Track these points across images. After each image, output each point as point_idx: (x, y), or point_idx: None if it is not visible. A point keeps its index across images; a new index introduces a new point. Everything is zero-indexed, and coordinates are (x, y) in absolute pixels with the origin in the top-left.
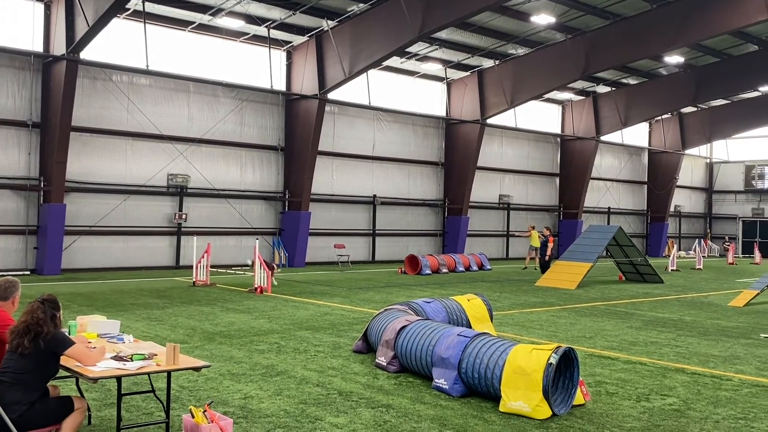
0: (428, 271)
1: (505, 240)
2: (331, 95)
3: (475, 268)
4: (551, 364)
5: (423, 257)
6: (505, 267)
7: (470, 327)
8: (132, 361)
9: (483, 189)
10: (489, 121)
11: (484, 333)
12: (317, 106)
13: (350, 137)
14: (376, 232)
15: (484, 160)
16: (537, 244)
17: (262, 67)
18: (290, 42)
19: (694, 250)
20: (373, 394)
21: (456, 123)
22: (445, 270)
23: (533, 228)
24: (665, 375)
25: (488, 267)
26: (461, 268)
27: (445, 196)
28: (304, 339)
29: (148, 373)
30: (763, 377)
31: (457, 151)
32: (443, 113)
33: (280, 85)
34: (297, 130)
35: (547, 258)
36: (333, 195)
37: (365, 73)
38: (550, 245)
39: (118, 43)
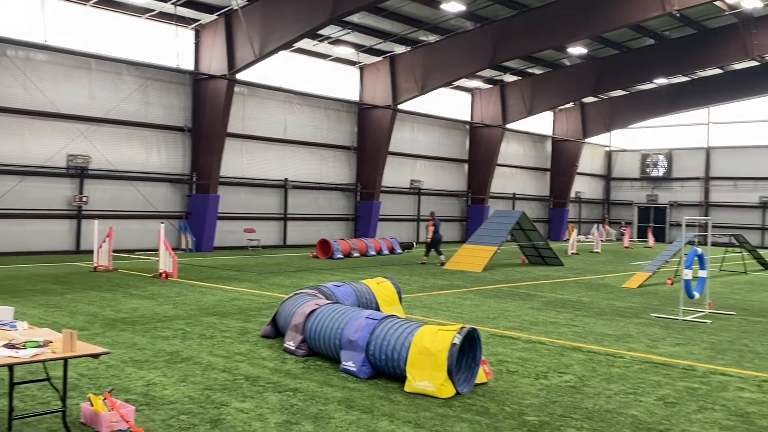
0: (340, 255)
1: (416, 224)
2: (240, 76)
3: (386, 252)
4: (455, 344)
5: (335, 241)
6: (415, 251)
7: (379, 310)
8: (25, 348)
9: (395, 174)
10: (401, 106)
11: (392, 315)
12: (226, 86)
13: (261, 119)
14: (288, 216)
15: (396, 146)
16: None
17: (169, 46)
18: (198, 20)
19: (593, 235)
20: (281, 378)
21: (368, 108)
22: (356, 254)
23: None
24: (563, 353)
25: (399, 251)
26: (373, 252)
27: (357, 181)
28: (210, 325)
29: (43, 361)
30: (653, 354)
31: (369, 135)
32: (356, 98)
33: (188, 65)
34: (205, 111)
35: (428, 240)
36: (243, 178)
37: (276, 55)
38: (431, 228)
39: (13, 15)
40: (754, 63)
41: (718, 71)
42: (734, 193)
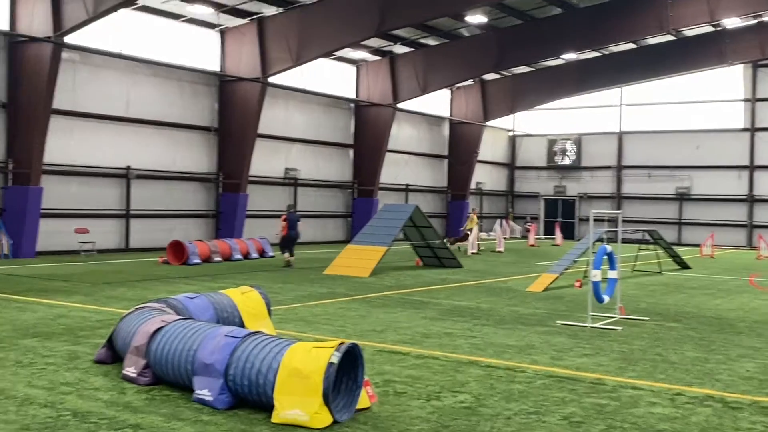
0: (197, 260)
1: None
2: (70, 39)
3: (255, 255)
4: (332, 363)
5: (190, 243)
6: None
7: (243, 326)
8: None
9: (266, 161)
10: (272, 80)
11: (259, 332)
12: (51, 51)
13: (96, 93)
14: (131, 212)
15: (267, 127)
16: (472, 226)
17: None
18: None
19: (496, 232)
20: (118, 412)
21: (232, 81)
22: (218, 258)
23: (475, 213)
24: (458, 369)
25: (271, 254)
26: (238, 256)
27: (219, 170)
28: (29, 349)
29: None
30: (557, 367)
31: (233, 114)
32: (216, 68)
33: (2, 25)
34: (24, 82)
35: (282, 236)
36: (73, 166)
37: (115, 13)
38: (283, 224)
39: None
40: (669, 37)
41: (631, 46)
42: (649, 184)
